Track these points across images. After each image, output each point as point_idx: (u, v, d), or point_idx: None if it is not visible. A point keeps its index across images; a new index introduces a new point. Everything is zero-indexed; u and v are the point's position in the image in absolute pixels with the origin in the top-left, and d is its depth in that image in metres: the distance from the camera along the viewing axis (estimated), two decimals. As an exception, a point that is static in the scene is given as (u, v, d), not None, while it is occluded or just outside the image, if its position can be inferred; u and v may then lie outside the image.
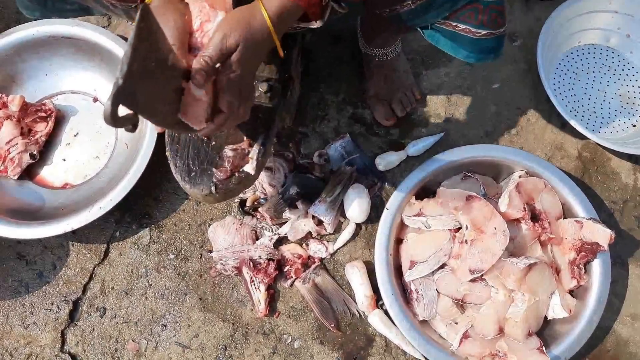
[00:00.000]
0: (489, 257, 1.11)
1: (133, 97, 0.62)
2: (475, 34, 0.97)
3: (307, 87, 1.38)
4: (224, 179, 0.99)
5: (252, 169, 1.00)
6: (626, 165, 1.39)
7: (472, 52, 1.02)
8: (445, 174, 1.26)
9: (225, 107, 0.75)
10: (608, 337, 1.26)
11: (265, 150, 1.03)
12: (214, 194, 0.99)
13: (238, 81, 0.74)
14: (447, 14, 0.95)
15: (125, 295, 1.26)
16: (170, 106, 0.74)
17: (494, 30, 0.98)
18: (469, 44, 1.01)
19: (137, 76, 0.61)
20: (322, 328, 1.24)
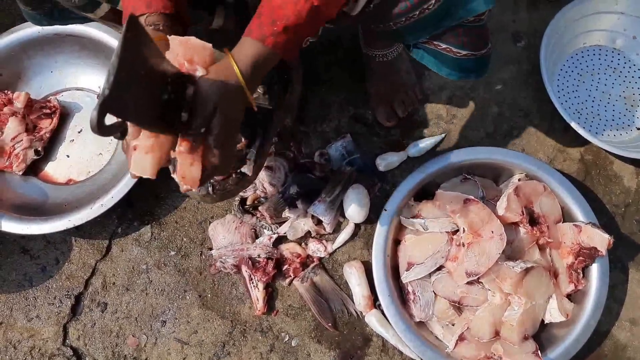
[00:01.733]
0: (485, 261, 1.11)
1: (120, 105, 0.63)
2: (457, 53, 0.99)
3: (309, 88, 1.39)
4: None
5: (250, 170, 1.01)
6: (629, 168, 1.38)
7: (454, 70, 1.04)
8: (444, 176, 1.26)
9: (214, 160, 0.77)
10: (606, 342, 1.26)
11: (263, 152, 1.04)
12: (211, 195, 1.00)
13: (222, 137, 0.76)
14: (428, 36, 0.96)
15: (126, 290, 1.28)
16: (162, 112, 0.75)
17: (475, 52, 1.00)
18: (451, 63, 1.02)
19: (124, 85, 0.62)
20: (320, 327, 1.25)
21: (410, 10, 0.86)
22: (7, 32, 1.36)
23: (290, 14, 0.76)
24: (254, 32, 0.77)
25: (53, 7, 1.05)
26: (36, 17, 1.07)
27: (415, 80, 1.39)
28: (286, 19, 0.76)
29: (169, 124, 0.82)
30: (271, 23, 0.76)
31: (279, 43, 0.77)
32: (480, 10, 0.88)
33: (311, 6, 0.76)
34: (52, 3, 1.03)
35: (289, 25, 0.76)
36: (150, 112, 0.74)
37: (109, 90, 0.59)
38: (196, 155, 0.76)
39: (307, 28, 0.79)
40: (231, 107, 0.76)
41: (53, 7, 1.04)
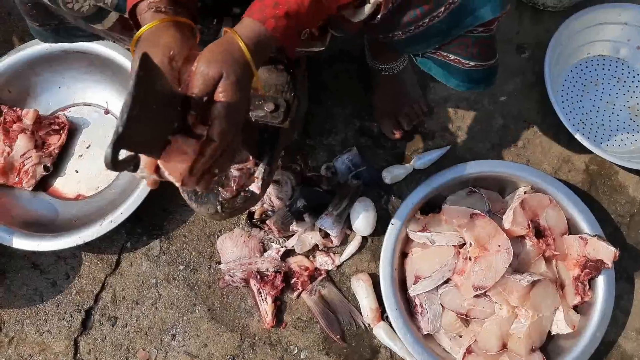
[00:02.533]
0: (492, 275, 1.12)
1: (134, 140, 0.64)
2: (465, 64, 0.99)
3: (315, 101, 1.40)
4: (229, 198, 1.01)
5: (258, 188, 1.02)
6: (634, 178, 1.38)
7: (463, 81, 1.04)
8: (450, 189, 1.27)
9: (218, 136, 0.70)
10: (612, 352, 1.27)
11: (271, 170, 1.04)
12: (220, 213, 1.01)
13: (229, 107, 0.71)
14: (437, 46, 0.96)
15: (136, 305, 1.29)
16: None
17: (483, 63, 1.00)
18: (459, 74, 1.02)
19: (136, 120, 0.63)
20: (328, 339, 1.26)
21: (420, 19, 0.86)
22: (15, 50, 1.37)
23: (293, 1, 0.76)
24: (255, 14, 0.75)
25: (59, 24, 1.06)
26: (43, 33, 1.08)
27: (421, 93, 1.40)
28: (288, 5, 0.75)
29: None
30: (273, 6, 0.75)
31: (280, 27, 0.76)
32: (487, 18, 0.88)
33: None
34: (59, 20, 1.04)
35: (290, 11, 0.76)
36: (162, 142, 0.76)
37: (123, 127, 0.60)
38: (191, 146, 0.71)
39: (308, 17, 0.78)
40: (237, 75, 0.71)
41: (59, 24, 1.05)
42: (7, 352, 1.28)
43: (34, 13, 1.01)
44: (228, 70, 0.71)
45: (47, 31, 1.07)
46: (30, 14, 1.02)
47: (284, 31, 0.76)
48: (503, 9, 0.87)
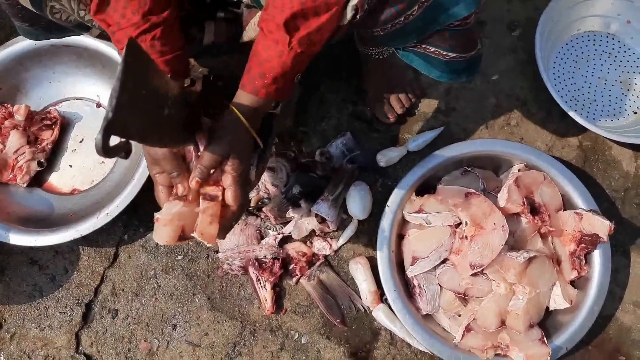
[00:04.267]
0: (488, 253, 1.13)
1: (124, 127, 0.64)
2: (445, 56, 1.00)
3: (307, 87, 1.40)
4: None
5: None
6: (627, 153, 1.39)
7: (444, 72, 1.05)
8: (445, 169, 1.27)
9: (233, 201, 0.86)
10: (610, 325, 1.28)
11: (265, 157, 1.04)
12: None
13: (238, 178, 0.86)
14: (414, 41, 0.97)
15: (136, 296, 1.30)
16: (164, 127, 0.77)
17: (463, 54, 1.00)
18: (441, 65, 1.03)
19: (127, 107, 0.63)
20: (328, 323, 1.27)
21: (395, 17, 0.88)
22: (3, 46, 1.36)
23: (277, 66, 0.81)
24: (246, 87, 0.84)
25: (51, 22, 1.05)
26: (33, 32, 1.08)
27: (413, 75, 1.39)
28: (274, 71, 0.82)
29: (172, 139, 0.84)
30: (260, 76, 0.82)
31: (271, 92, 0.84)
32: (461, 15, 0.89)
33: (295, 54, 0.81)
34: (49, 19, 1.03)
35: (277, 75, 0.82)
36: (153, 129, 0.76)
37: (112, 113, 0.60)
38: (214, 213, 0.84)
39: (295, 71, 0.85)
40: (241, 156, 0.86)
41: (50, 21, 1.05)
42: (9, 348, 1.29)
43: (23, 14, 1.01)
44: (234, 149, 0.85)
45: (37, 30, 1.07)
46: (19, 15, 1.01)
47: (277, 93, 0.85)
48: (477, 6, 0.89)
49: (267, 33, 0.81)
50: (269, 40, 0.81)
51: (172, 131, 0.85)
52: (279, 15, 0.78)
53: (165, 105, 0.78)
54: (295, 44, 0.80)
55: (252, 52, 0.84)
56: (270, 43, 0.81)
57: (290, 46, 0.80)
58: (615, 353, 1.26)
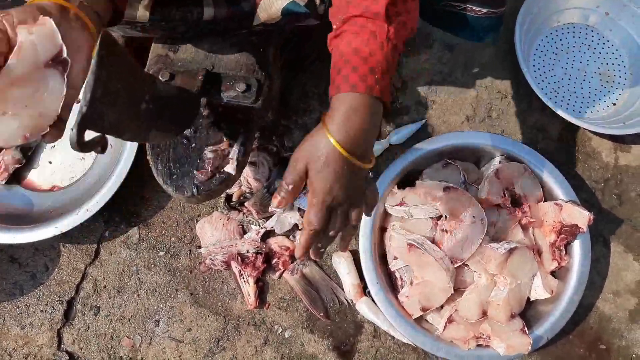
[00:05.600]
0: (468, 246, 1.13)
1: (99, 121, 0.64)
2: (477, 12, 1.00)
3: (289, 80, 1.39)
4: (205, 181, 1.01)
5: (233, 169, 1.02)
6: (607, 144, 1.40)
7: (474, 30, 1.04)
8: (426, 162, 1.27)
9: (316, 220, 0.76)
10: (591, 315, 1.29)
11: (246, 150, 1.04)
12: (196, 196, 1.00)
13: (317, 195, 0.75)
14: None
15: (118, 293, 1.29)
16: (141, 122, 0.76)
17: (495, 9, 1.01)
18: (471, 22, 1.02)
19: (102, 101, 0.62)
20: (312, 317, 1.27)
21: None
22: (-20, 41, 1.34)
23: (382, 59, 0.74)
24: (358, 86, 0.73)
25: None
26: None
27: (394, 68, 1.39)
28: (381, 65, 0.74)
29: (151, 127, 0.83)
30: (370, 72, 0.73)
31: (385, 89, 0.75)
32: None
33: (393, 46, 0.75)
34: None
35: (384, 69, 0.75)
36: (130, 123, 0.75)
37: (87, 107, 0.60)
38: None
39: (393, 68, 0.78)
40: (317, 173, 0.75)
41: None
42: (-11, 347, 1.28)
43: None
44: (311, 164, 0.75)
45: None
46: None
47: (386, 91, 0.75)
48: None
49: (360, 27, 0.75)
50: (366, 34, 0.74)
51: (151, 125, 0.84)
52: (374, 4, 0.74)
53: (143, 99, 0.78)
54: (392, 34, 0.75)
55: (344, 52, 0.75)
56: (367, 37, 0.74)
57: (388, 37, 0.75)
58: (596, 342, 1.28)
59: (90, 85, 0.62)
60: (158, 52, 1.07)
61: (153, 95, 0.81)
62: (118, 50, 0.69)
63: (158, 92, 0.84)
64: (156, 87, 0.84)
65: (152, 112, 0.81)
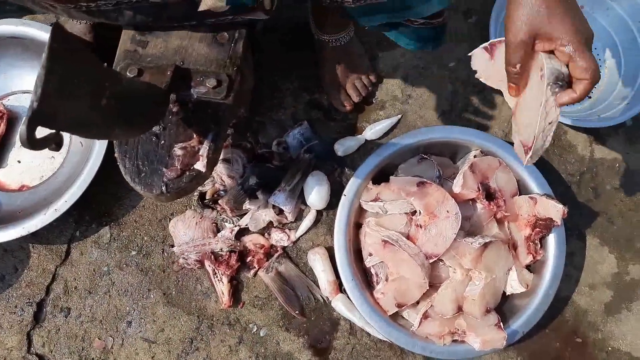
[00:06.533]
0: (442, 241, 1.12)
1: (51, 117, 0.61)
2: (414, 22, 0.99)
3: (262, 76, 1.37)
4: (174, 178, 0.99)
5: (203, 166, 1.00)
6: (582, 137, 1.40)
7: (412, 40, 1.05)
8: (401, 157, 1.26)
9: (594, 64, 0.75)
10: (567, 308, 1.30)
11: (216, 147, 1.02)
12: (165, 194, 0.98)
13: None
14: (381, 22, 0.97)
15: (89, 294, 1.26)
16: (102, 118, 0.74)
17: (431, 20, 1.00)
18: (409, 32, 1.02)
19: (54, 96, 0.60)
20: (287, 315, 1.25)
21: None
22: (-55, 38, 1.31)
23: None
24: None
25: None
26: None
27: (369, 63, 1.38)
28: None
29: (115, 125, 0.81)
30: None
31: None
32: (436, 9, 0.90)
33: None
34: None
35: None
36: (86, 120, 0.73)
37: (37, 103, 0.57)
38: None
39: None
40: None
41: None
42: (-43, 351, 1.25)
43: None
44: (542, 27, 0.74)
45: None
46: None
47: None
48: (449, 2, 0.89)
49: None
50: None
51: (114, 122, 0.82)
52: None
53: (103, 95, 0.75)
54: None
55: None
56: None
57: None
58: (571, 335, 1.28)
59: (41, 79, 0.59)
60: (126, 48, 1.05)
61: (115, 90, 0.78)
62: (72, 43, 0.66)
63: (121, 88, 0.81)
64: (119, 83, 0.81)
65: (115, 108, 0.79)
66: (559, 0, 0.71)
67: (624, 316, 1.29)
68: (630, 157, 1.39)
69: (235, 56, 1.06)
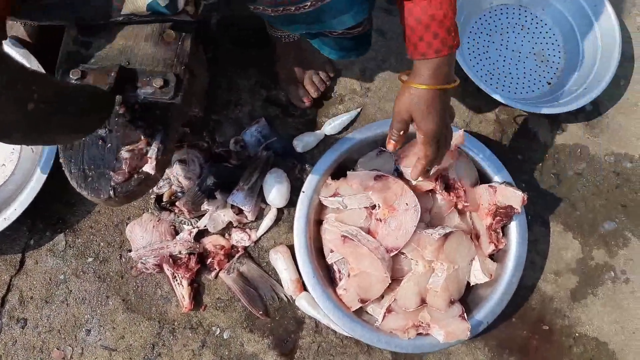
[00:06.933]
0: (403, 234, 1.11)
1: None
2: (332, 33, 0.99)
3: (216, 74, 1.35)
4: (122, 182, 0.96)
5: (152, 168, 0.97)
6: (543, 123, 1.40)
7: (334, 49, 1.05)
8: (360, 151, 1.25)
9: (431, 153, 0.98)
10: (533, 296, 1.29)
11: (166, 148, 0.99)
12: (113, 198, 0.96)
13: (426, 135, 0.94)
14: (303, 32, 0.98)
15: (46, 303, 1.23)
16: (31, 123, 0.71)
17: (350, 30, 0.99)
18: (330, 42, 1.03)
19: None
20: (251, 316, 1.23)
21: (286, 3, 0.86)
22: None
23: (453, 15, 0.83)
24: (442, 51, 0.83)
25: None
26: None
27: (326, 57, 1.36)
28: (453, 21, 0.83)
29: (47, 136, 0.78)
30: (448, 33, 0.82)
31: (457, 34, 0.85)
32: (348, 25, 0.90)
33: None
34: None
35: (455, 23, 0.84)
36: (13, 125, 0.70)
37: None
38: None
39: None
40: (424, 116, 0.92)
41: None
42: None
43: None
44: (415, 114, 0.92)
45: None
46: None
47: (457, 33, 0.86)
48: (365, 15, 0.90)
49: None
50: None
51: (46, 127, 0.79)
52: None
53: (31, 99, 0.72)
54: None
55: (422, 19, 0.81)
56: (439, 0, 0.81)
57: None
58: (538, 323, 1.28)
59: None
60: (69, 49, 1.02)
61: (45, 94, 0.75)
62: None
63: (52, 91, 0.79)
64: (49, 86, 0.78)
65: (45, 113, 0.76)
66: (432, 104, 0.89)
67: (590, 301, 1.29)
68: (590, 141, 1.39)
69: (182, 55, 1.04)
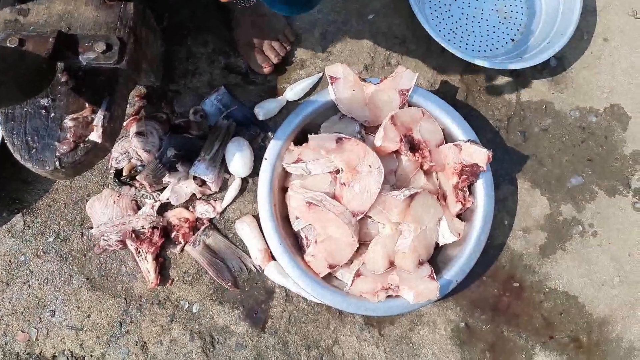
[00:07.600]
0: (367, 197, 1.09)
1: None
2: None
3: (172, 41, 1.30)
4: (67, 152, 0.92)
5: (99, 136, 0.93)
6: (508, 81, 1.38)
7: (284, 4, 0.99)
8: (322, 115, 1.22)
9: None
10: (503, 254, 1.29)
11: (112, 115, 0.96)
12: (60, 169, 0.92)
13: None
14: None
15: (7, 286, 1.19)
16: None
17: None
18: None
19: None
20: (220, 288, 1.21)
21: None
22: None
23: None
24: None
25: None
26: None
27: (285, 22, 1.32)
28: None
29: None
30: None
31: None
32: None
33: None
34: None
35: None
36: None
37: None
38: None
39: None
40: None
41: None
42: None
43: None
44: None
45: None
46: None
47: None
48: None
49: None
50: None
51: None
52: None
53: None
54: None
55: None
56: None
57: None
58: (509, 280, 1.28)
59: None
60: (6, 18, 0.98)
61: None
62: None
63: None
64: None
65: None
66: None
67: (559, 256, 1.30)
68: (555, 97, 1.38)
69: (126, 18, 1.00)
